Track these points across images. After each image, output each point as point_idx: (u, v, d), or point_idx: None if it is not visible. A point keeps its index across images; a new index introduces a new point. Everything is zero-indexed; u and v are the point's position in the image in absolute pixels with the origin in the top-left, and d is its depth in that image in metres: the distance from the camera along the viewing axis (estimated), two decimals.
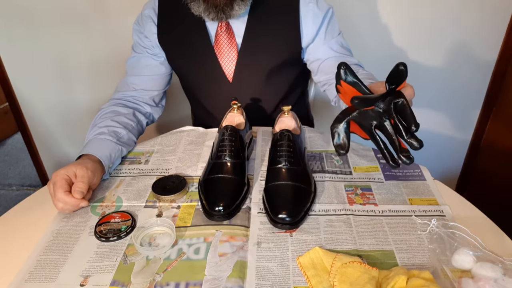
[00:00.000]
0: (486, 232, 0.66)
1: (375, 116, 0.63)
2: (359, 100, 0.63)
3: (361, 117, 0.65)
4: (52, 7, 1.43)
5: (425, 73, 1.53)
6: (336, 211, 0.73)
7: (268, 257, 0.64)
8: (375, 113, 0.63)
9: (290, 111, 0.88)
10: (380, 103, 0.62)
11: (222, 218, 0.71)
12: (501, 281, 0.55)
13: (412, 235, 0.67)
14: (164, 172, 0.86)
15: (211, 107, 1.12)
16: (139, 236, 0.68)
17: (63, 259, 0.65)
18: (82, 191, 0.73)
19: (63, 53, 1.54)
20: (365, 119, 0.64)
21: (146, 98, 1.05)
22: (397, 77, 0.61)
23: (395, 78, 0.61)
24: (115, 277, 0.61)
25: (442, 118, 1.64)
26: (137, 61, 1.04)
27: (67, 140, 1.77)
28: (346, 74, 0.66)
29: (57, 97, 1.64)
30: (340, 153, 0.66)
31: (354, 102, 0.63)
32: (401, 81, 0.61)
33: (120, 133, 0.91)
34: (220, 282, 0.60)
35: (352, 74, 0.66)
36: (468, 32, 1.44)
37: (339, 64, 0.65)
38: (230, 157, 0.78)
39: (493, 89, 1.54)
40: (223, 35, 0.98)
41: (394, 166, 0.64)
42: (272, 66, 1.01)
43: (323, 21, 0.98)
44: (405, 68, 0.60)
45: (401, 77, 0.61)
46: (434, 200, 0.75)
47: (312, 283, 0.59)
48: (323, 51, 0.99)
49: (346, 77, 0.66)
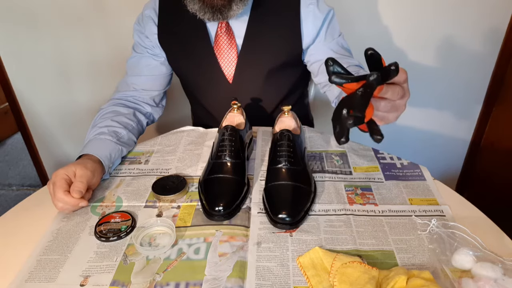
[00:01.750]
0: (486, 232, 0.66)
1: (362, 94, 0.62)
2: (336, 75, 0.62)
3: (352, 101, 0.64)
4: (52, 7, 1.44)
5: (425, 73, 1.53)
6: (336, 211, 0.73)
7: (268, 257, 0.64)
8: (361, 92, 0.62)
9: (290, 111, 0.88)
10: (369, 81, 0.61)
11: (222, 218, 0.71)
12: (501, 281, 0.55)
13: (412, 235, 0.67)
14: (164, 172, 0.86)
15: (211, 107, 1.12)
16: (139, 236, 0.68)
17: (63, 259, 0.65)
18: (80, 190, 0.73)
19: (63, 53, 1.54)
20: (356, 101, 0.63)
21: (146, 98, 1.05)
22: (372, 61, 0.60)
23: (372, 63, 0.61)
24: (115, 277, 0.61)
25: (442, 118, 1.64)
26: (138, 61, 1.04)
27: (67, 140, 1.77)
28: (333, 68, 0.65)
29: (57, 97, 1.64)
30: (340, 142, 0.65)
31: (330, 79, 0.62)
32: (378, 62, 0.61)
33: (120, 133, 0.91)
34: (220, 282, 0.60)
35: (340, 67, 0.65)
36: (468, 32, 1.44)
37: (326, 60, 0.64)
38: (230, 157, 0.78)
39: (493, 89, 1.54)
40: (223, 35, 0.98)
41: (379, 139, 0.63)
42: (272, 68, 1.01)
43: (324, 23, 0.98)
44: (373, 50, 0.59)
45: (374, 59, 0.60)
46: (434, 200, 0.75)
47: (312, 283, 0.59)
48: (323, 53, 0.99)
49: (334, 71, 0.65)
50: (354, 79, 0.61)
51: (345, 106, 0.65)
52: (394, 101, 0.62)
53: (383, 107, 0.63)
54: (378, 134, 0.65)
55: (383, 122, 0.66)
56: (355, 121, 0.60)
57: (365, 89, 0.61)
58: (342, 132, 0.64)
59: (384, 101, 0.62)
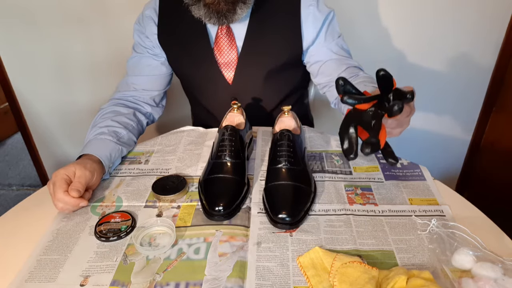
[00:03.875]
0: (486, 232, 0.66)
1: (373, 115, 0.63)
2: (348, 96, 0.62)
3: (361, 118, 0.65)
4: (52, 7, 1.43)
5: (425, 73, 1.53)
6: (336, 211, 0.73)
7: (268, 257, 0.64)
8: (373, 113, 0.63)
9: (290, 111, 0.88)
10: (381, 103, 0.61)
11: (222, 218, 0.71)
12: (501, 281, 0.55)
13: (412, 235, 0.67)
14: (164, 172, 0.86)
15: (211, 108, 1.12)
16: (139, 236, 0.68)
17: (63, 259, 0.65)
18: (78, 189, 0.73)
19: (63, 53, 1.54)
20: (365, 119, 0.64)
21: (146, 98, 1.05)
22: (383, 82, 0.61)
23: (383, 84, 0.61)
24: (115, 277, 0.61)
25: (442, 118, 1.64)
26: (138, 61, 1.04)
27: (67, 140, 1.77)
28: (345, 88, 0.65)
29: (57, 97, 1.64)
30: (349, 158, 0.65)
31: (343, 99, 0.63)
32: (390, 84, 0.61)
33: (120, 133, 0.91)
34: (220, 282, 0.60)
35: (351, 86, 0.65)
36: (468, 32, 1.44)
37: (337, 80, 0.64)
38: (230, 157, 0.78)
39: (493, 89, 1.54)
40: (223, 37, 0.98)
41: (393, 163, 0.64)
42: (272, 69, 1.01)
43: (324, 24, 0.98)
44: (385, 72, 0.60)
45: (386, 79, 0.60)
46: (434, 200, 0.75)
47: (312, 283, 0.59)
48: (323, 54, 0.99)
49: (346, 90, 0.65)
50: (366, 100, 0.62)
51: (352, 122, 0.66)
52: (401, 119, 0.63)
53: (390, 124, 0.64)
54: (393, 158, 0.65)
55: (388, 137, 0.67)
56: (372, 148, 0.61)
57: (377, 110, 0.62)
58: (351, 148, 0.64)
59: (392, 119, 0.63)
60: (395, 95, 0.61)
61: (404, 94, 0.59)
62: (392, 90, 0.62)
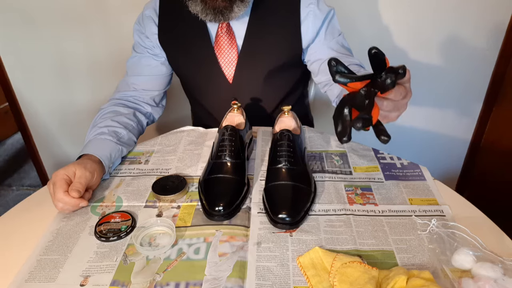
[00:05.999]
0: (486, 232, 0.66)
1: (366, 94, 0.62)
2: (339, 74, 0.62)
3: (355, 100, 0.64)
4: (52, 7, 1.43)
5: (425, 73, 1.53)
6: (336, 211, 0.73)
7: (268, 257, 0.64)
8: (365, 92, 0.62)
9: (290, 111, 0.88)
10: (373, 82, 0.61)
11: (222, 218, 0.71)
12: (501, 281, 0.55)
13: (412, 235, 0.67)
14: (164, 172, 0.86)
15: (211, 108, 1.12)
16: (139, 236, 0.68)
17: (63, 259, 0.65)
18: (78, 190, 0.73)
19: (63, 53, 1.54)
20: (359, 99, 0.63)
21: (146, 98, 1.05)
22: (376, 60, 0.60)
23: (376, 62, 0.61)
24: (115, 277, 0.61)
25: (442, 118, 1.64)
26: (138, 61, 1.04)
27: (67, 140, 1.77)
28: (337, 68, 0.64)
29: (57, 97, 1.64)
30: (342, 141, 0.65)
31: (334, 79, 0.62)
32: (382, 62, 0.60)
33: (120, 133, 0.91)
34: (220, 282, 0.60)
35: (343, 67, 0.65)
36: (468, 31, 1.44)
37: (329, 60, 0.64)
38: (230, 157, 0.78)
39: (493, 89, 1.54)
40: (223, 36, 0.98)
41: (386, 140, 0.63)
42: (273, 67, 1.01)
43: (324, 22, 0.98)
44: (377, 50, 0.59)
45: (378, 58, 0.60)
46: (434, 200, 0.75)
47: (312, 283, 0.59)
48: (323, 52, 0.99)
49: (338, 70, 0.64)
50: (358, 78, 0.61)
51: (347, 104, 0.65)
52: (396, 101, 0.62)
53: (386, 106, 0.63)
54: (385, 135, 0.64)
55: (385, 121, 0.66)
56: (363, 123, 0.60)
57: (370, 88, 0.61)
58: (344, 131, 0.63)
59: (387, 101, 0.62)
60: (388, 73, 0.60)
61: (396, 70, 0.58)
62: (385, 68, 0.61)
